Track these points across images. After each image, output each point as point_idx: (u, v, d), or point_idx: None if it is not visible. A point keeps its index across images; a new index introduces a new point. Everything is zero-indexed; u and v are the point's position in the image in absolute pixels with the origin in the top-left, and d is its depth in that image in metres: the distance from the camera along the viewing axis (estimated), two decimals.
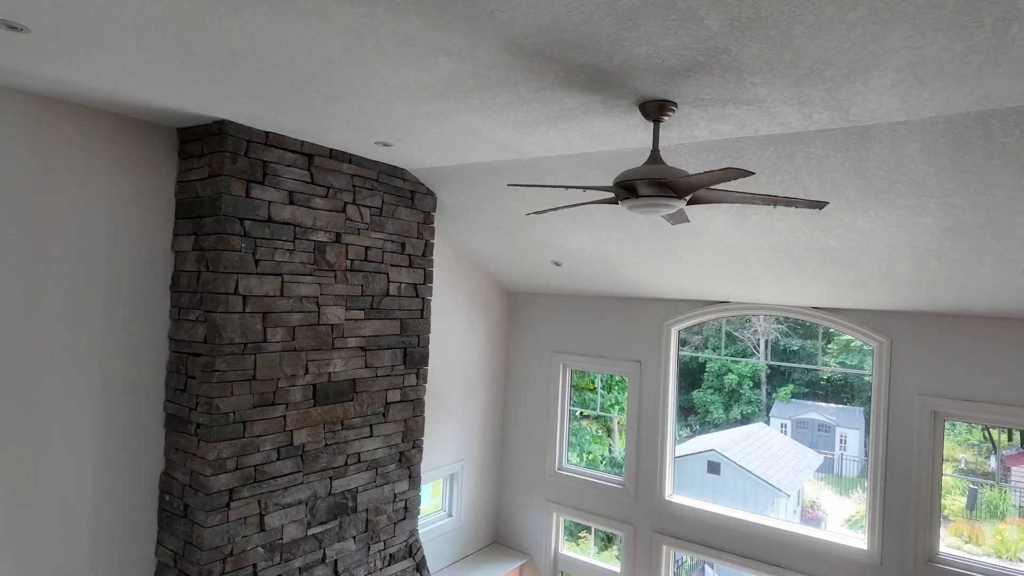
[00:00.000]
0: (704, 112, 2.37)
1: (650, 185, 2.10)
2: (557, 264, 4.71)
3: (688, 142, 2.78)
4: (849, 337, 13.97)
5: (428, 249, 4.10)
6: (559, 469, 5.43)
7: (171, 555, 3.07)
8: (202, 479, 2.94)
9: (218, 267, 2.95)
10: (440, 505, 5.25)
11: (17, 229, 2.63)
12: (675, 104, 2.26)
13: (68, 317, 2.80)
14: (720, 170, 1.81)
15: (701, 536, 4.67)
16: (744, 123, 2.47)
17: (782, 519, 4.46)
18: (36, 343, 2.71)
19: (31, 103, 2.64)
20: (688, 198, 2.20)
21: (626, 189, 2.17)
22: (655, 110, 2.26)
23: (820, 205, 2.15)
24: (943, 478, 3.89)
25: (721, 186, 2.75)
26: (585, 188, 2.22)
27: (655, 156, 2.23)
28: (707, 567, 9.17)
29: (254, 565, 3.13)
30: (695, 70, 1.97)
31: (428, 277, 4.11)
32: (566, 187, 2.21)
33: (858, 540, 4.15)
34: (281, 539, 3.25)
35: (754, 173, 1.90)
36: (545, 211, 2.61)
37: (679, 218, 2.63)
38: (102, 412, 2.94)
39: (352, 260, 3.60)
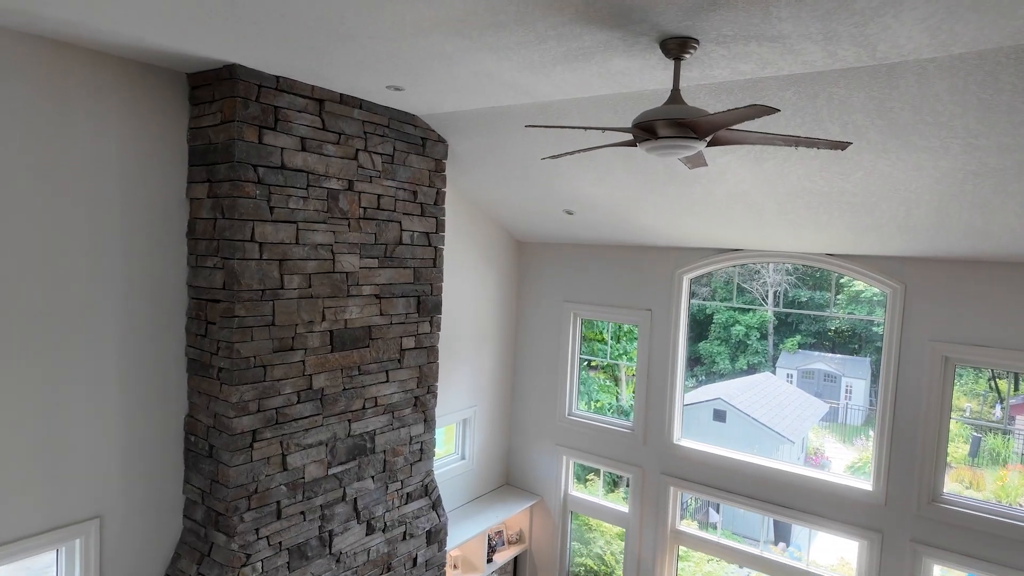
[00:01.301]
0: (726, 50, 2.31)
1: (670, 125, 2.07)
2: (569, 213, 4.68)
3: (707, 83, 2.72)
4: (860, 288, 13.93)
5: (440, 198, 4.08)
6: (569, 415, 5.54)
7: (198, 492, 3.19)
8: (226, 421, 3.03)
9: (233, 214, 2.96)
10: (454, 448, 5.39)
11: (36, 177, 2.63)
12: (697, 41, 2.20)
13: (88, 266, 2.84)
14: (743, 108, 1.78)
15: (708, 478, 4.79)
16: (766, 62, 2.41)
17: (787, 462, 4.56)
18: (59, 292, 2.75)
19: (44, 47, 2.60)
20: (708, 139, 2.17)
21: (645, 130, 2.14)
22: (676, 48, 2.20)
23: (842, 146, 2.12)
24: (949, 424, 3.94)
25: (741, 127, 2.70)
26: (604, 129, 2.19)
27: (675, 96, 2.19)
28: (711, 510, 9.43)
29: (278, 502, 3.26)
30: (719, 3, 1.91)
31: (440, 226, 4.11)
32: (584, 128, 2.18)
33: (863, 482, 4.25)
34: (303, 478, 3.37)
35: (779, 111, 1.86)
36: (561, 155, 2.58)
37: (697, 161, 2.60)
38: (126, 358, 3.00)
39: (365, 208, 3.60)
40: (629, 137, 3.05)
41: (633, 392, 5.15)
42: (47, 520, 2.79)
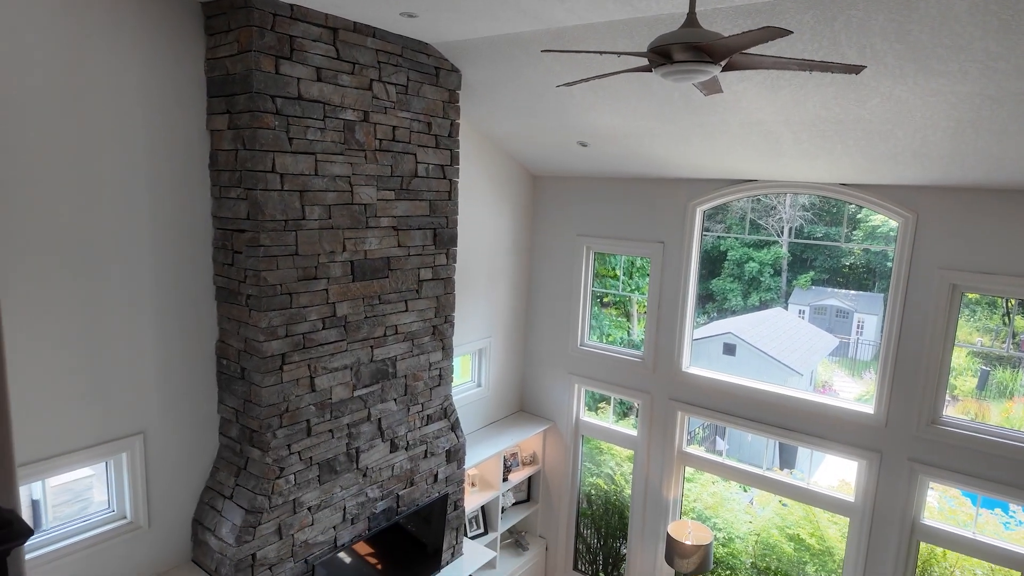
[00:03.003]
0: None
1: (686, 49, 2.08)
2: (583, 145, 4.68)
3: (724, 6, 2.68)
4: (876, 223, 13.78)
5: (454, 129, 4.10)
6: (581, 345, 5.71)
7: (232, 412, 3.41)
8: (256, 344, 3.20)
9: (254, 145, 3.03)
10: (470, 377, 5.61)
11: (62, 110, 2.71)
12: None
13: (117, 199, 2.95)
14: (758, 30, 1.79)
15: (714, 403, 4.98)
16: None
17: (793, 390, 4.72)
18: (92, 223, 2.87)
19: None
20: (723, 64, 2.18)
21: (660, 55, 2.15)
22: None
23: (856, 69, 2.12)
24: (956, 360, 4.04)
25: (756, 51, 2.68)
26: (619, 54, 2.21)
27: (691, 19, 2.19)
28: (718, 438, 9.76)
29: (307, 421, 3.47)
30: None
31: (455, 158, 4.15)
32: (599, 52, 2.19)
33: (865, 406, 4.40)
34: (330, 399, 3.57)
35: (792, 32, 1.87)
36: (576, 82, 2.60)
37: (712, 88, 2.60)
38: (158, 286, 3.16)
39: (380, 140, 3.64)
40: (644, 62, 3.03)
41: (644, 327, 5.28)
42: (96, 435, 3.02)
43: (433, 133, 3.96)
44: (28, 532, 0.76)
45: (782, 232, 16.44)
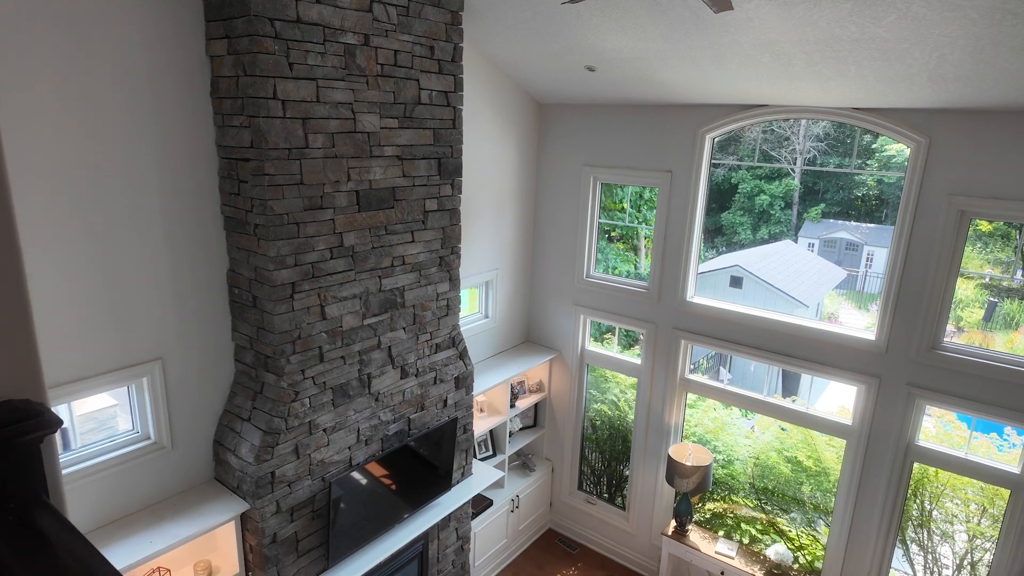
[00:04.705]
0: None
1: None
2: (590, 69, 4.57)
3: None
4: (891, 153, 13.47)
5: (457, 54, 4.00)
6: (587, 277, 5.75)
7: (246, 339, 3.52)
8: (266, 273, 3.26)
9: (255, 71, 2.98)
10: (478, 308, 5.70)
11: (62, 35, 2.66)
12: None
13: (122, 127, 2.94)
14: None
15: (718, 332, 5.05)
16: None
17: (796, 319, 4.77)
18: (100, 152, 2.88)
19: None
20: None
21: None
22: None
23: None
24: (964, 292, 4.05)
25: None
26: None
27: None
28: (721, 368, 9.94)
29: (320, 347, 3.58)
30: None
31: (458, 85, 4.07)
32: None
33: (868, 334, 4.46)
34: (341, 327, 3.66)
35: None
36: None
37: (723, 5, 2.52)
38: (166, 216, 3.19)
39: (382, 65, 3.57)
40: None
41: (652, 249, 5.30)
42: (117, 360, 3.14)
43: (436, 58, 3.87)
44: (58, 422, 0.82)
45: (795, 165, 16.14)
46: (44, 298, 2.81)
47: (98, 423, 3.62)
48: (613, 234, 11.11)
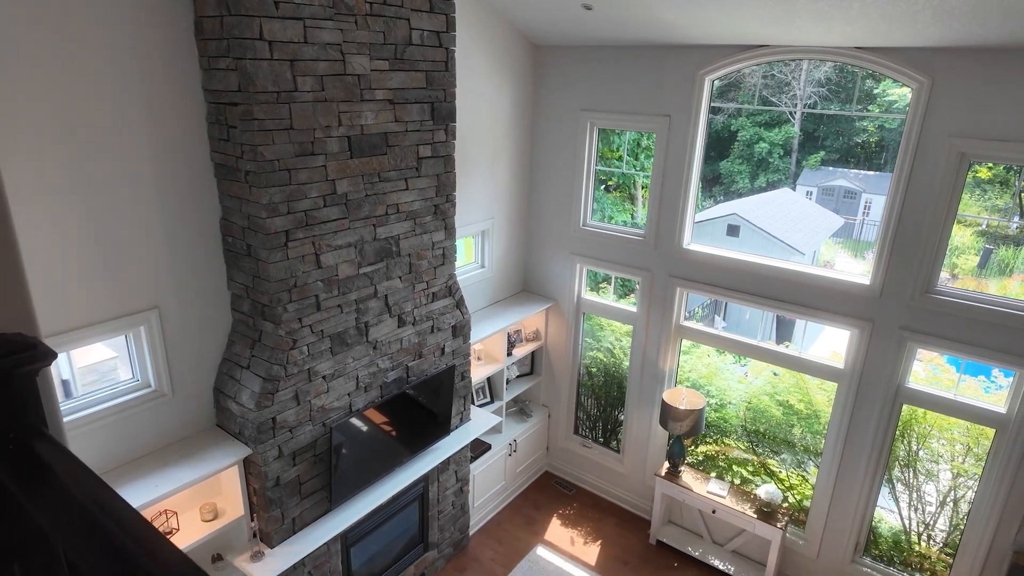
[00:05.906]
0: None
1: None
2: (587, 8, 4.42)
3: None
4: (893, 98, 13.23)
5: None
6: (583, 225, 5.72)
7: (242, 287, 3.51)
8: (259, 221, 3.23)
9: (239, 9, 2.88)
10: (473, 258, 5.69)
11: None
12: None
13: (106, 75, 2.85)
14: None
15: (713, 279, 5.07)
16: None
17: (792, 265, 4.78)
18: (86, 104, 2.80)
19: None
20: None
21: None
22: None
23: None
24: (961, 239, 4.04)
25: None
26: None
27: None
28: (716, 317, 10.03)
29: (316, 296, 3.58)
30: None
31: (451, 24, 3.94)
32: None
33: (862, 279, 4.48)
34: (336, 275, 3.66)
35: None
36: None
37: None
38: (157, 164, 3.14)
39: (371, 3, 3.45)
40: None
41: (649, 197, 5.25)
42: (113, 309, 3.14)
43: None
44: (52, 354, 0.82)
45: (795, 113, 15.87)
46: (37, 249, 2.79)
47: (99, 375, 3.66)
48: (610, 183, 11.00)
